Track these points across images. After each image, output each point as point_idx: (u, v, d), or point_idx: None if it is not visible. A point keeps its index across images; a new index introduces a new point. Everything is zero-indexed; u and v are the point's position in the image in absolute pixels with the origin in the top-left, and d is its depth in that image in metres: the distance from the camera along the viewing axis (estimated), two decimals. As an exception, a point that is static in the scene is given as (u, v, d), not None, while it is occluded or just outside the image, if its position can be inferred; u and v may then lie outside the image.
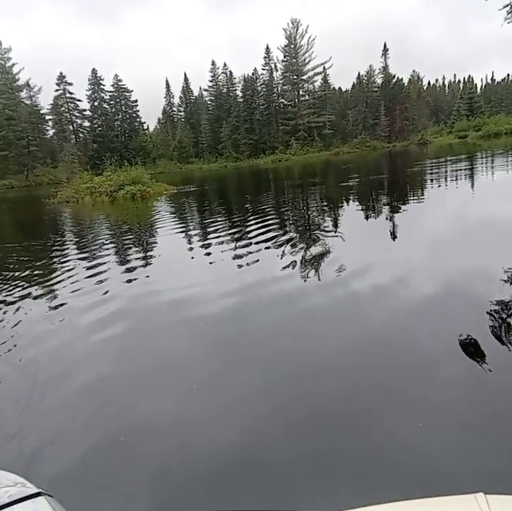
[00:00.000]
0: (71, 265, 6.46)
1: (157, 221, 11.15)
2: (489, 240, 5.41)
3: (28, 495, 0.83)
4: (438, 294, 3.71)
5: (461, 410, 2.19)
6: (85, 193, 18.04)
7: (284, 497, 1.75)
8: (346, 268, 4.68)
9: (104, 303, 4.42)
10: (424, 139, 47.32)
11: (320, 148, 57.45)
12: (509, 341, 2.71)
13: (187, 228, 9.40)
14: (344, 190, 14.31)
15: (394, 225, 7.39)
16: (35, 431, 2.38)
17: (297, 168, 34.15)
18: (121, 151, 56.02)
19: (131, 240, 8.59)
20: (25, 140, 48.00)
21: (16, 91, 51.57)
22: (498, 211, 7.23)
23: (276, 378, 2.69)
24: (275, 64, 60.64)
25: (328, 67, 59.53)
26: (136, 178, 18.28)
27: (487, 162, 18.55)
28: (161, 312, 4.17)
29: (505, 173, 13.47)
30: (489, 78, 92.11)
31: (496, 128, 41.16)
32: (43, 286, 5.48)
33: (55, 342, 3.59)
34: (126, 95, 60.05)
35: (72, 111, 56.98)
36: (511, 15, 15.51)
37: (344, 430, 2.13)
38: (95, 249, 7.85)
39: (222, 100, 62.79)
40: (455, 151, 27.91)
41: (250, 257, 5.77)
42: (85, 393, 2.74)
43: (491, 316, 3.11)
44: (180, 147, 61.04)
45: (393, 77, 57.52)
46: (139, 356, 3.26)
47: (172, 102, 67.14)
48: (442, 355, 2.71)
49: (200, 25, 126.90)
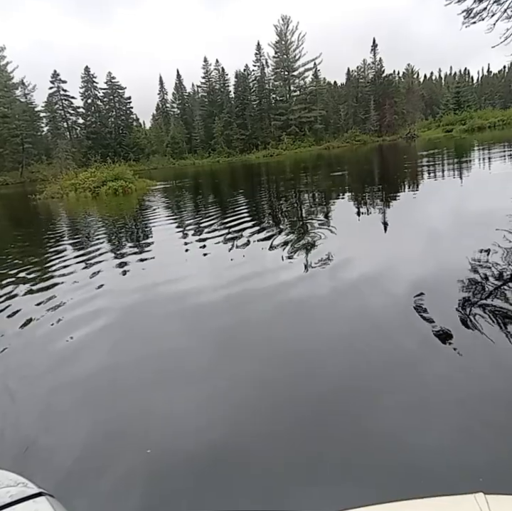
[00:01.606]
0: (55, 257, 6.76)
1: (136, 214, 12.26)
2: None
3: (30, 495, 0.83)
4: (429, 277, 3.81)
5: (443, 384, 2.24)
6: (70, 189, 19.06)
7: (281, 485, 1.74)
8: (334, 256, 4.79)
9: (91, 284, 4.74)
10: (412, 133, 48.12)
11: (311, 143, 58.29)
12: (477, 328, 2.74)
13: (164, 219, 10.11)
14: (332, 180, 15.54)
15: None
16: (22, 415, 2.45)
17: (287, 162, 34.73)
18: (115, 148, 57.02)
19: (99, 230, 9.64)
20: (20, 137, 48.88)
21: (10, 89, 52.42)
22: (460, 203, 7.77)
23: (272, 367, 2.70)
24: (266, 60, 61.47)
25: (318, 62, 60.34)
26: (119, 175, 19.26)
27: (449, 156, 19.50)
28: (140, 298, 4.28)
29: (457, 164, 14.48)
30: (485, 70, 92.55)
31: (480, 122, 42.00)
32: (32, 270, 5.89)
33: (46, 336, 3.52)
34: (120, 92, 60.88)
35: (66, 108, 57.87)
36: (467, 20, 16.31)
37: (344, 420, 2.11)
38: (65, 240, 8.92)
39: (214, 96, 63.59)
40: (435, 145, 28.81)
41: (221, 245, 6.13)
42: (74, 384, 2.73)
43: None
44: (174, 143, 61.91)
45: (383, 73, 58.24)
46: (134, 345, 3.26)
47: (166, 99, 67.96)
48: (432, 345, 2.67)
49: (193, 22, 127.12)
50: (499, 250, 4.23)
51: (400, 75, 70.43)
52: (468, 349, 2.54)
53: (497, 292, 3.32)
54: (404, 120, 58.25)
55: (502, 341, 2.57)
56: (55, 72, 55.46)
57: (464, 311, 3.04)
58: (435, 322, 2.88)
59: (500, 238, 4.64)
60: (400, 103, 58.11)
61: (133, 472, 1.89)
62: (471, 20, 16.62)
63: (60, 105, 57.21)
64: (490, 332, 2.66)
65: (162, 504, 1.73)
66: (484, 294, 3.31)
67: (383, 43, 66.74)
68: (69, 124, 58.54)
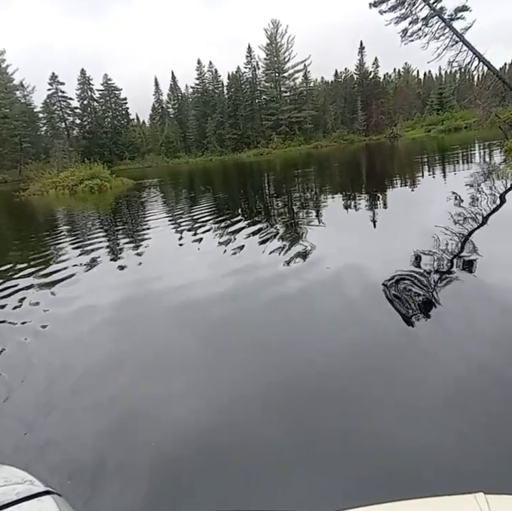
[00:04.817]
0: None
1: (107, 208, 14.43)
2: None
3: (36, 493, 0.83)
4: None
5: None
6: (50, 187, 21.31)
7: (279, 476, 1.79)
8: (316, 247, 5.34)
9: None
10: (395, 133, 50.01)
11: (300, 142, 60.16)
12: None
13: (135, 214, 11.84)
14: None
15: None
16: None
17: (277, 160, 36.16)
18: (111, 147, 59.51)
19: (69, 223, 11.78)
20: (18, 137, 51.49)
21: (11, 90, 55.01)
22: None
23: (267, 359, 2.78)
24: (257, 62, 63.47)
25: (308, 64, 62.16)
26: (95, 174, 21.45)
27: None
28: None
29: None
30: (485, 69, 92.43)
31: (456, 123, 43.71)
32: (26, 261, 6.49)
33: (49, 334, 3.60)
34: (116, 93, 63.25)
35: (64, 109, 60.38)
36: (405, 38, 18.28)
37: (336, 412, 2.17)
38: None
39: (207, 97, 65.71)
40: (407, 146, 30.77)
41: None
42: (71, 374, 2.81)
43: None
44: (168, 142, 64.21)
45: (370, 74, 59.99)
46: (133, 339, 3.36)
47: (161, 99, 70.19)
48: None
49: (189, 21, 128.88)
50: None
51: (397, 73, 72.07)
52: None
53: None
54: (392, 120, 59.91)
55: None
56: (54, 74, 57.94)
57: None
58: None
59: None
60: (386, 103, 59.79)
61: (137, 462, 1.97)
62: (408, 39, 18.76)
63: (58, 106, 59.76)
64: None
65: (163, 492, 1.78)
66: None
67: (384, 40, 67.64)
68: (67, 124, 61.08)
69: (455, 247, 4.75)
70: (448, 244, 4.84)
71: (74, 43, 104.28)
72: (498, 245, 4.74)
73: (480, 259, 4.20)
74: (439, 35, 17.39)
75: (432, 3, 17.14)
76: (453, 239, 5.01)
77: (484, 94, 17.33)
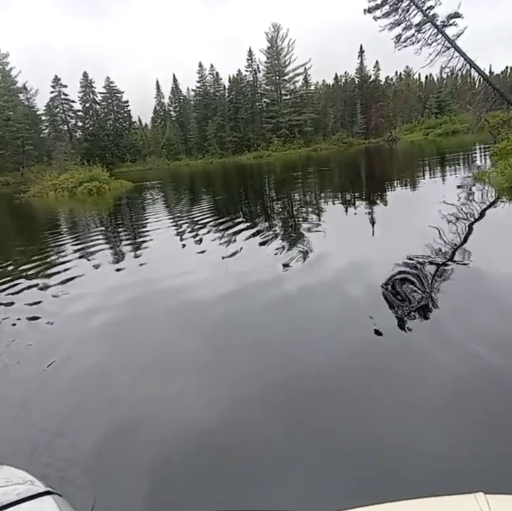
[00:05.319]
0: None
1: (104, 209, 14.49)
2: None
3: (36, 494, 0.83)
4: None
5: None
6: (50, 189, 21.39)
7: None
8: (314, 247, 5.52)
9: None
10: (393, 137, 50.15)
11: (300, 145, 60.28)
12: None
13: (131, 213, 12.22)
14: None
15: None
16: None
17: (277, 163, 36.60)
18: (112, 149, 59.62)
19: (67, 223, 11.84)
20: (20, 140, 51.60)
21: (14, 93, 55.20)
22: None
23: (267, 359, 2.79)
24: (258, 66, 63.68)
25: (308, 67, 62.33)
26: (94, 176, 21.52)
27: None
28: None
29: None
30: (487, 71, 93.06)
31: (453, 126, 43.83)
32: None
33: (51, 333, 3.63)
34: (118, 96, 63.47)
35: (66, 111, 60.59)
36: (399, 44, 18.41)
37: (338, 413, 2.16)
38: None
39: (208, 100, 65.92)
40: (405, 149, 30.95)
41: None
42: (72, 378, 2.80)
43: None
44: (169, 145, 64.36)
45: (369, 78, 60.12)
46: (134, 339, 3.38)
47: (163, 102, 70.39)
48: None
49: (188, 23, 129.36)
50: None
51: (399, 76, 72.30)
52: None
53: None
54: (391, 123, 60.03)
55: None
56: (56, 77, 58.21)
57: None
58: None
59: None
60: (385, 107, 59.89)
61: (138, 460, 1.97)
62: (402, 45, 18.93)
63: (60, 109, 59.99)
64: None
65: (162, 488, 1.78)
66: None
67: (385, 43, 68.14)
68: (69, 126, 61.28)
69: (454, 247, 4.79)
70: (446, 244, 4.87)
71: (74, 43, 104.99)
72: (494, 244, 4.82)
73: (480, 259, 4.21)
74: (432, 41, 17.62)
75: (425, 9, 17.40)
76: (450, 239, 5.05)
77: (475, 99, 17.38)
